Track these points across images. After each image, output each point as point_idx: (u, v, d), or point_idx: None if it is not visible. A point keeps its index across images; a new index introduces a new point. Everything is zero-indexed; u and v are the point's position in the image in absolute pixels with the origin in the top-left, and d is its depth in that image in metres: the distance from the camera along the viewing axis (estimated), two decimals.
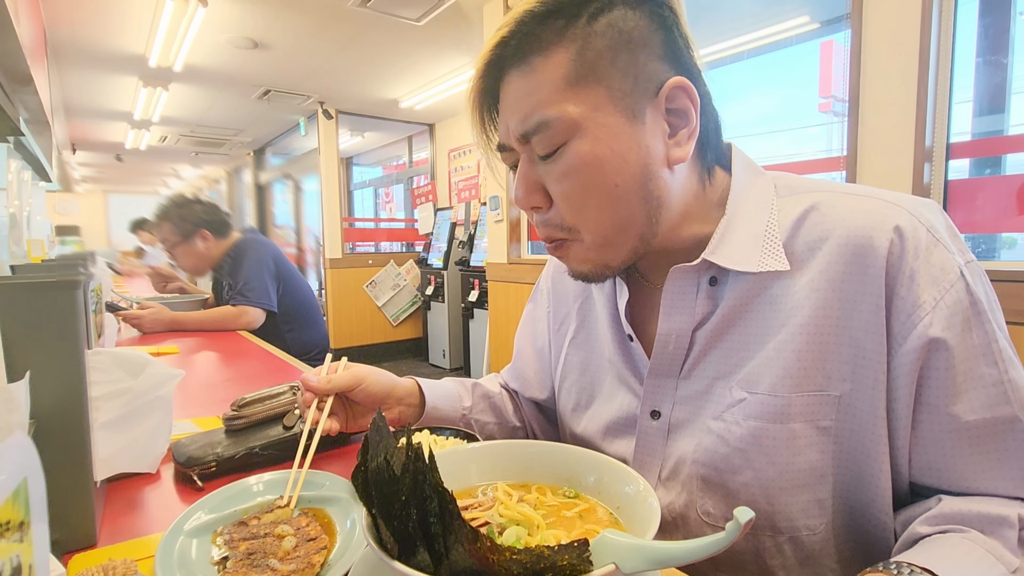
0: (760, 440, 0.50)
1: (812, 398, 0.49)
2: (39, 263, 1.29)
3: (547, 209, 0.53)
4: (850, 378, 0.48)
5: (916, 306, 0.46)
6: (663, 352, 0.56)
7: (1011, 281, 1.32)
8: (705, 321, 0.54)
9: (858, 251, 0.48)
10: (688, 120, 0.50)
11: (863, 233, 0.48)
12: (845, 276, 0.48)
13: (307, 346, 2.13)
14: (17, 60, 1.50)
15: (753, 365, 0.51)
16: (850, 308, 0.48)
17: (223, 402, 0.98)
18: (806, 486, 0.50)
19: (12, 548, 0.21)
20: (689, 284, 0.54)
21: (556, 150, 0.50)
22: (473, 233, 4.56)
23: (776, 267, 0.51)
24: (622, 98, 0.48)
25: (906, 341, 0.46)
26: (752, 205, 0.54)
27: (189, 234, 2.04)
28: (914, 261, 0.46)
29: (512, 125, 0.51)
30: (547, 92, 0.48)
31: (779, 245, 0.51)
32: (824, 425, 0.49)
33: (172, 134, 5.73)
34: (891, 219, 0.48)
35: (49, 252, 3.14)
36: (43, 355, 0.48)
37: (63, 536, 0.51)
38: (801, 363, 0.49)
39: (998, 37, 1.67)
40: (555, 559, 0.31)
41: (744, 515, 0.28)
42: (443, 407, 0.73)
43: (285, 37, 3.25)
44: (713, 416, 0.53)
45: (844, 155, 1.70)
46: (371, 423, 0.37)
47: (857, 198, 0.51)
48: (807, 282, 0.50)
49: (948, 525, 0.45)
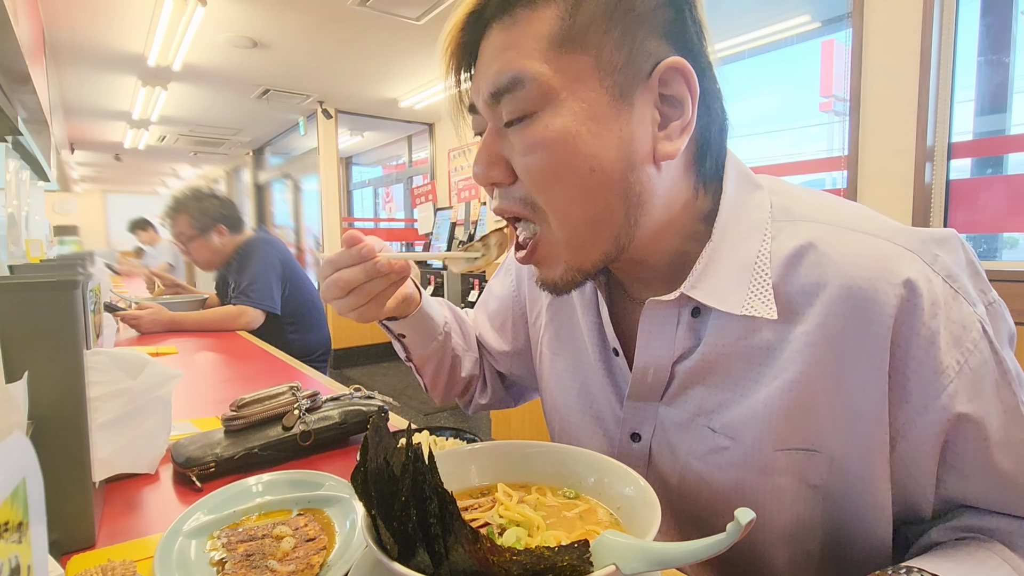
0: (743, 490, 0.47)
1: (800, 456, 0.45)
2: (38, 263, 1.29)
3: (508, 184, 0.48)
4: (844, 440, 0.44)
5: (938, 372, 0.40)
6: (642, 382, 0.52)
7: (1012, 281, 1.32)
8: (687, 355, 0.49)
9: (860, 305, 0.42)
10: (683, 111, 0.44)
11: (867, 285, 0.42)
12: (844, 332, 0.43)
13: (309, 348, 2.13)
14: (16, 59, 1.50)
15: (738, 411, 0.47)
16: (847, 368, 0.43)
17: (222, 402, 0.97)
18: (792, 539, 0.47)
19: (11, 549, 0.21)
20: (668, 316, 0.49)
21: (525, 117, 0.44)
22: (473, 233, 4.56)
23: (763, 314, 0.45)
24: (610, 72, 0.43)
25: (927, 411, 0.41)
26: (743, 229, 0.48)
27: (207, 228, 2.04)
28: (931, 320, 0.40)
29: (483, 83, 0.45)
30: (527, 48, 0.43)
31: (768, 285, 0.45)
32: (813, 483, 0.46)
33: (171, 134, 5.73)
34: (900, 270, 0.41)
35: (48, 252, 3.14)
36: (42, 355, 0.48)
37: (62, 537, 0.51)
38: (790, 420, 0.45)
39: (999, 36, 1.67)
40: (555, 560, 0.31)
41: (745, 516, 0.28)
42: (433, 308, 0.69)
43: (284, 36, 3.25)
44: (695, 455, 0.50)
45: (845, 155, 1.71)
46: (371, 423, 0.37)
47: (862, 237, 0.44)
48: (802, 334, 0.44)
49: (966, 533, 0.43)
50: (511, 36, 0.44)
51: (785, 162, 2.28)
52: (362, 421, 0.81)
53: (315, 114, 4.83)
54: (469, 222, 4.64)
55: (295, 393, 0.81)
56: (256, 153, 7.01)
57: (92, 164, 7.72)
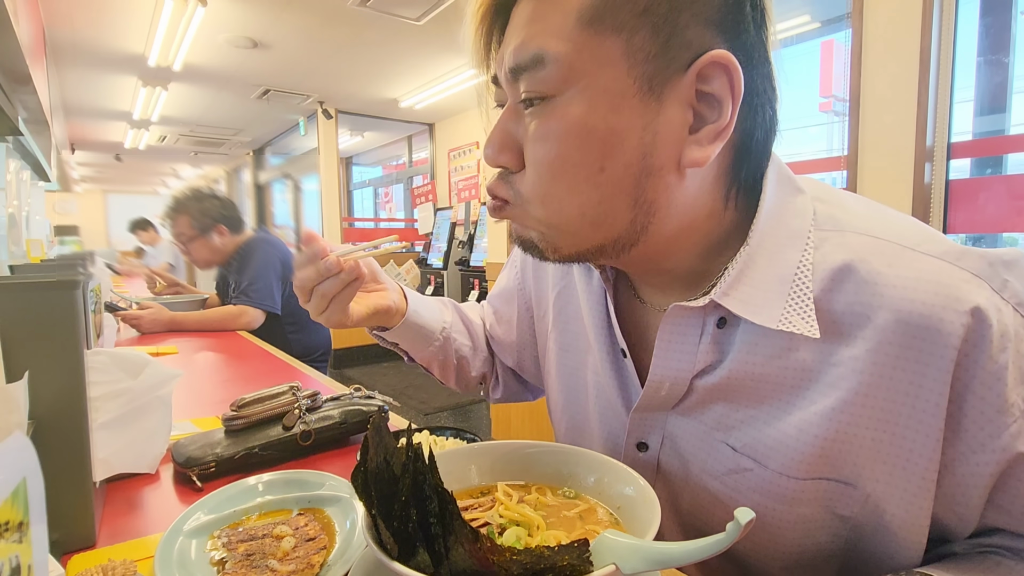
0: (764, 519, 0.43)
1: (832, 486, 0.41)
2: (38, 263, 1.29)
3: (514, 172, 0.44)
4: (886, 479, 0.40)
5: (1001, 411, 0.37)
6: (655, 396, 0.48)
7: None
8: (709, 371, 0.45)
9: (920, 335, 0.37)
10: (721, 114, 0.39)
11: (929, 312, 0.37)
12: (899, 362, 0.38)
13: (309, 348, 2.13)
14: (16, 60, 1.50)
15: (764, 433, 0.43)
16: (901, 402, 0.38)
17: (222, 402, 0.97)
18: (810, 566, 0.44)
19: (11, 549, 0.21)
20: (692, 325, 0.44)
21: (542, 99, 0.40)
22: (473, 233, 4.56)
23: (803, 331, 0.40)
24: (642, 61, 0.38)
25: (984, 450, 0.37)
26: (783, 236, 0.43)
27: (207, 228, 2.04)
28: (1000, 354, 0.36)
29: (507, 55, 0.41)
30: (554, 23, 0.38)
31: (810, 300, 0.40)
32: (843, 514, 0.42)
33: (171, 134, 5.73)
34: (967, 297, 0.37)
35: (48, 252, 3.14)
36: (42, 355, 0.48)
37: (62, 536, 0.51)
38: (825, 451, 0.40)
39: (999, 36, 1.67)
40: (555, 560, 0.31)
41: (745, 516, 0.28)
42: (425, 315, 0.67)
43: (284, 37, 3.25)
44: (711, 474, 0.46)
45: (845, 155, 1.71)
46: (371, 423, 0.37)
47: (923, 258, 0.39)
48: (848, 359, 0.39)
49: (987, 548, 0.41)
50: (541, 7, 0.40)
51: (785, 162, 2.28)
52: (362, 421, 0.81)
53: (315, 114, 4.84)
54: (469, 222, 4.64)
55: (295, 393, 0.81)
56: (256, 153, 7.01)
57: (92, 164, 7.72)
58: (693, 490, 0.48)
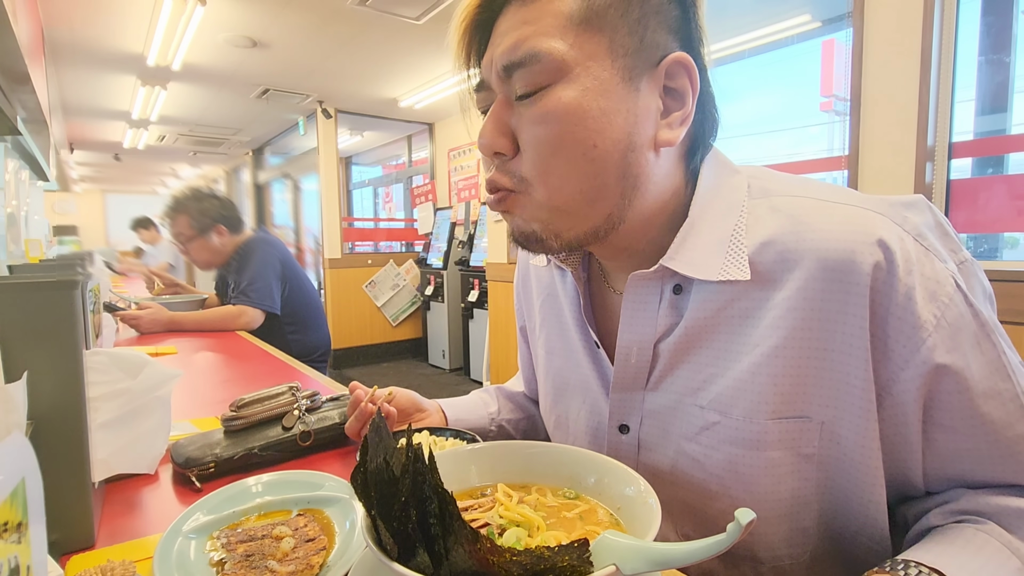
0: (737, 468, 0.47)
1: (791, 424, 0.46)
2: (37, 263, 1.29)
3: (510, 158, 0.48)
4: (833, 404, 0.45)
5: (916, 327, 0.42)
6: (625, 364, 0.53)
7: (1012, 281, 1.32)
8: (668, 333, 0.51)
9: (838, 268, 0.43)
10: (684, 103, 0.47)
11: (843, 248, 0.43)
12: (825, 295, 0.44)
13: (309, 348, 2.13)
14: (15, 59, 1.49)
15: (724, 385, 0.48)
16: (831, 331, 0.44)
17: (222, 403, 0.97)
18: (787, 515, 0.48)
19: (10, 549, 0.21)
20: (651, 292, 0.51)
21: (537, 91, 0.45)
22: (473, 233, 4.56)
23: (739, 276, 0.46)
24: (623, 55, 0.45)
25: (908, 366, 0.42)
26: (720, 208, 0.50)
27: (206, 229, 2.04)
28: (907, 277, 0.42)
29: (498, 54, 0.46)
30: (547, 24, 0.44)
31: (744, 254, 0.47)
32: (806, 452, 0.46)
33: (170, 133, 5.72)
34: (874, 231, 0.43)
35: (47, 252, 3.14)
36: (41, 355, 0.48)
37: (61, 537, 0.51)
38: (778, 388, 0.45)
39: (1000, 36, 1.67)
40: (555, 560, 0.31)
41: (745, 516, 0.28)
42: (467, 417, 0.75)
43: (284, 36, 3.24)
44: (686, 437, 0.50)
45: (846, 155, 1.71)
46: (371, 424, 0.36)
47: (834, 207, 0.46)
48: (783, 300, 0.45)
49: (964, 516, 0.43)
50: (531, 11, 0.45)
51: (785, 162, 2.28)
52: None
53: (315, 114, 4.83)
54: (469, 222, 4.64)
55: (295, 393, 0.81)
56: (256, 153, 7.01)
57: (91, 164, 7.72)
58: (673, 459, 0.52)
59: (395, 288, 5.18)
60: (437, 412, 0.76)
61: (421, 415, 0.75)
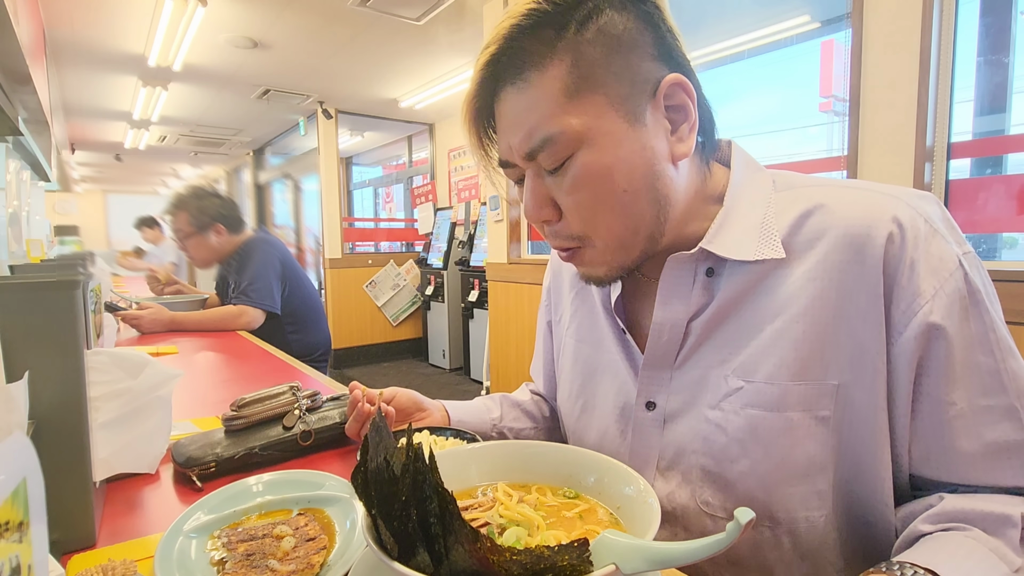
0: (757, 429, 0.50)
1: (810, 387, 0.49)
2: (38, 263, 1.29)
3: (557, 221, 0.53)
4: (848, 368, 0.48)
5: (916, 295, 0.46)
6: (657, 342, 0.56)
7: (1012, 281, 1.32)
8: (701, 312, 0.55)
9: (856, 241, 0.48)
10: (687, 115, 0.50)
11: (861, 223, 0.48)
12: (842, 265, 0.48)
13: (309, 348, 2.13)
14: (16, 60, 1.50)
15: (749, 353, 0.52)
16: (848, 298, 0.48)
17: (222, 402, 0.98)
18: (805, 477, 0.50)
19: (11, 548, 0.21)
20: (686, 273, 0.55)
21: (563, 163, 0.49)
22: (473, 233, 4.56)
23: (773, 255, 0.51)
24: (622, 103, 0.48)
25: (906, 329, 0.46)
26: (750, 199, 0.55)
27: (205, 227, 2.04)
28: (914, 251, 0.47)
29: (515, 143, 0.50)
30: (547, 107, 0.48)
31: (777, 237, 0.52)
32: (822, 415, 0.49)
33: (171, 134, 5.73)
34: (890, 211, 0.48)
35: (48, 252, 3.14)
36: (42, 355, 0.48)
37: (62, 536, 0.51)
38: (798, 352, 0.49)
39: (999, 36, 1.67)
40: (555, 559, 0.31)
41: (744, 516, 0.28)
42: (470, 420, 0.76)
43: (285, 36, 3.25)
44: (710, 405, 0.53)
45: (845, 155, 1.70)
46: (371, 423, 0.37)
47: (856, 191, 0.51)
48: (804, 271, 0.50)
49: (950, 523, 0.45)
50: (528, 99, 0.48)
51: (785, 162, 2.28)
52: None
53: (315, 114, 4.83)
54: (469, 222, 4.64)
55: (295, 393, 0.81)
56: (256, 153, 7.01)
57: (93, 164, 7.72)
58: (695, 427, 0.55)
59: (395, 288, 5.19)
60: (439, 411, 0.77)
61: (422, 414, 0.76)
